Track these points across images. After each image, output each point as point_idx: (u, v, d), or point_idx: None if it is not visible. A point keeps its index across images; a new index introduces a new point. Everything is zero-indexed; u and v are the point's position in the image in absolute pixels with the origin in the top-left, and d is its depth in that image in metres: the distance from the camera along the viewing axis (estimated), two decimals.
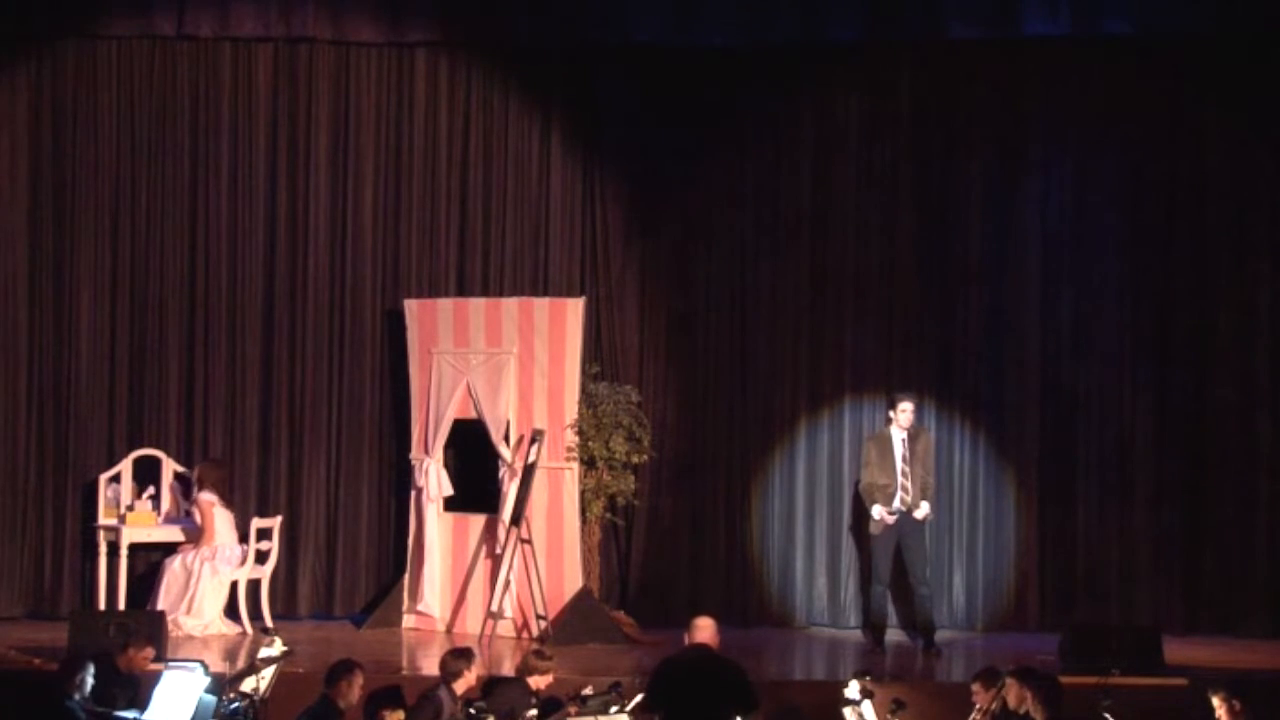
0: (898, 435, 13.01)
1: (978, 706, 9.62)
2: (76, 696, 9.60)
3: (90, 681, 9.70)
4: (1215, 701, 9.22)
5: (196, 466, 13.58)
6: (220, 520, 13.25)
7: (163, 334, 14.17)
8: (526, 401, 13.38)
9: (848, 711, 9.60)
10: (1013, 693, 9.44)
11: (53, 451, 14.03)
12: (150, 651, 10.60)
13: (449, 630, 13.43)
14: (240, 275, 14.24)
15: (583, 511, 13.35)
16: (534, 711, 9.56)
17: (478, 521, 13.54)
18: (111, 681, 10.15)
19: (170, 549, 13.47)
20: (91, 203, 14.13)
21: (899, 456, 12.95)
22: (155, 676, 10.14)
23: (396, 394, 14.15)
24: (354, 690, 9.36)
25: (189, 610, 12.96)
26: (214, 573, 13.11)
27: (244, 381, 14.19)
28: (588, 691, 9.67)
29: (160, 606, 12.85)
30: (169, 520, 13.67)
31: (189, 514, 13.58)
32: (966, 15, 13.61)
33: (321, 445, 14.22)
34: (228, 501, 13.39)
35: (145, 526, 13.53)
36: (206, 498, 13.23)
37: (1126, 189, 14.00)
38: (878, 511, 12.93)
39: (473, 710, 9.37)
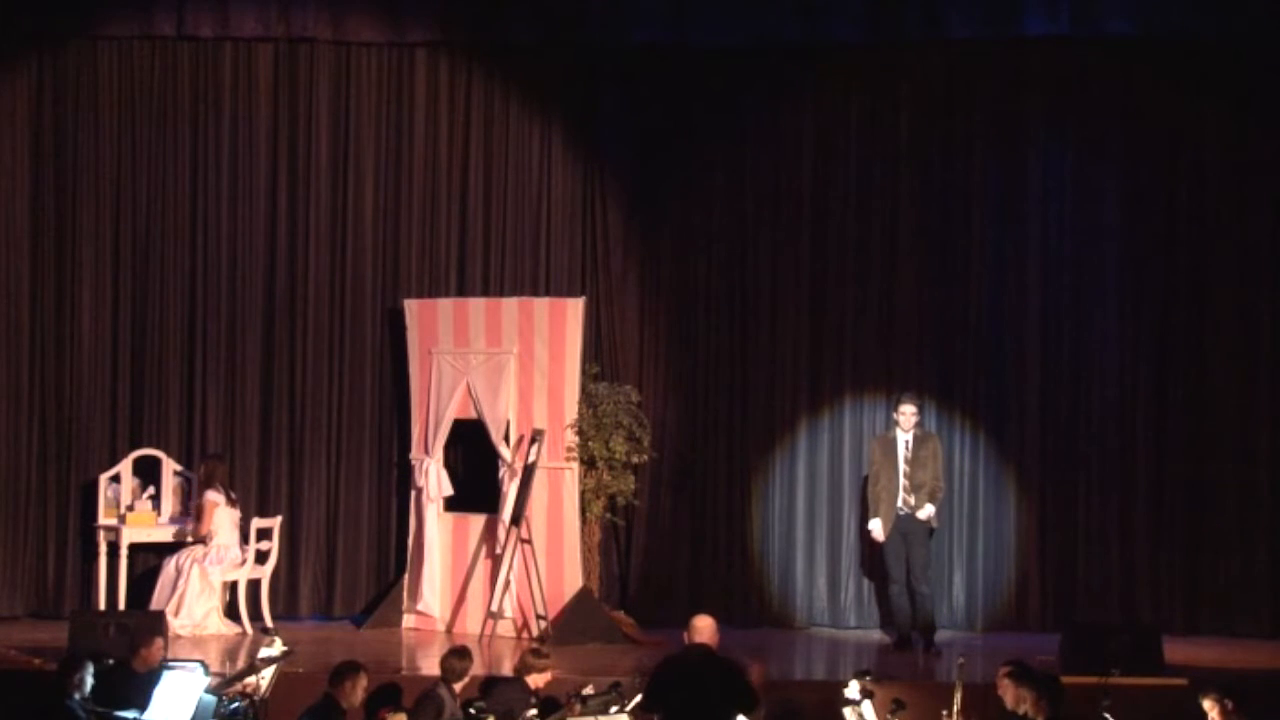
0: (901, 437, 13.01)
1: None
2: (76, 696, 9.59)
3: (90, 681, 9.68)
4: (1207, 704, 9.22)
5: (200, 465, 13.54)
6: (224, 519, 13.24)
7: (163, 334, 14.18)
8: (526, 401, 13.38)
9: (848, 711, 9.60)
10: (1010, 693, 9.43)
11: (54, 451, 14.04)
12: (159, 642, 10.58)
13: (449, 630, 13.43)
14: (240, 275, 14.24)
15: (583, 511, 13.35)
16: (533, 711, 9.57)
17: (478, 521, 13.54)
18: (127, 684, 10.10)
19: (170, 549, 13.46)
20: (92, 202, 14.13)
21: (901, 459, 12.95)
22: (156, 676, 10.13)
23: (396, 394, 14.16)
24: (357, 692, 9.37)
25: (177, 611, 12.95)
26: (203, 574, 13.10)
27: (244, 381, 14.19)
28: (588, 691, 9.67)
29: (153, 606, 12.85)
30: (174, 520, 13.66)
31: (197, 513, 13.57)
32: (967, 15, 13.62)
33: (321, 445, 14.22)
34: (232, 500, 13.39)
35: (145, 526, 13.53)
36: (212, 497, 13.22)
37: (1126, 189, 14.00)
38: (874, 526, 12.99)
39: (472, 710, 9.39)
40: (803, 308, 14.24)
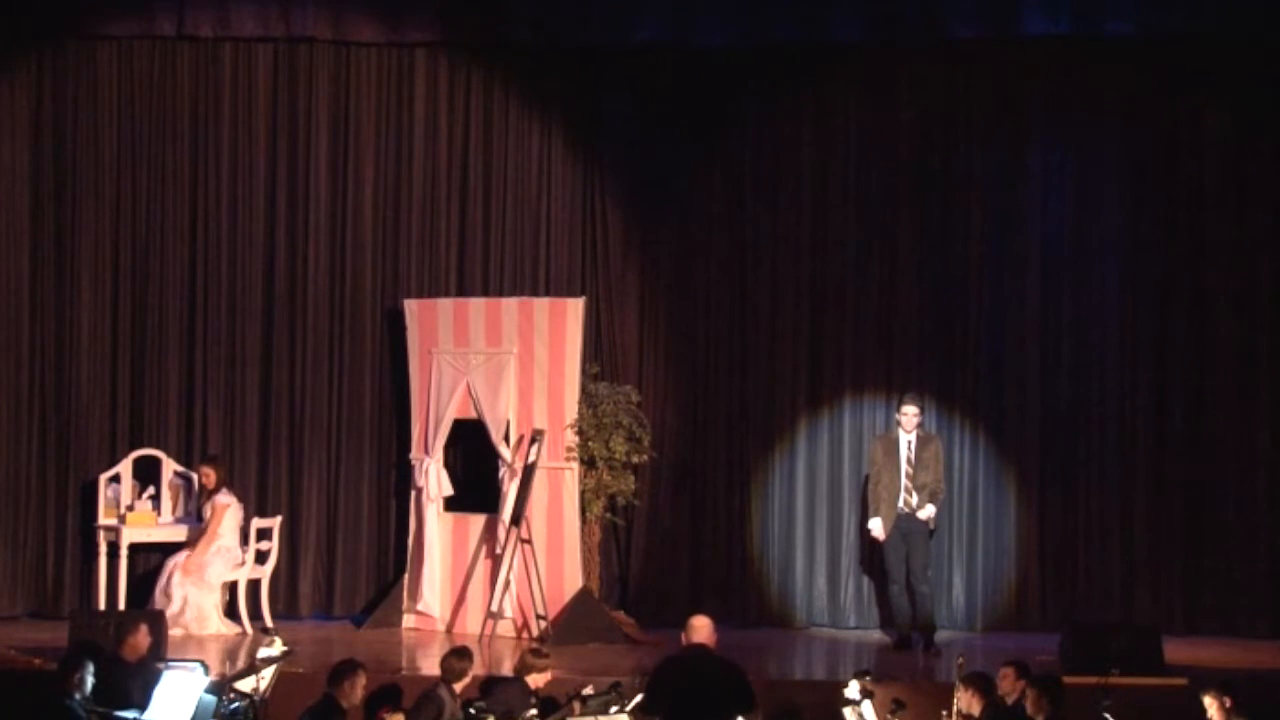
0: (904, 438, 13.02)
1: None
2: (77, 696, 9.59)
3: (90, 680, 9.68)
4: (1207, 700, 9.26)
5: (208, 469, 13.48)
6: (229, 520, 13.23)
7: (163, 334, 14.18)
8: (526, 401, 13.38)
9: (848, 711, 9.61)
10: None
11: (53, 451, 14.04)
12: (144, 628, 10.60)
13: (449, 630, 13.43)
14: (240, 275, 14.24)
15: (583, 511, 13.35)
16: (533, 711, 9.57)
17: (478, 521, 13.54)
18: (124, 676, 10.12)
19: (170, 549, 13.45)
20: (92, 203, 14.14)
21: (904, 459, 12.96)
22: (156, 675, 10.13)
23: (396, 394, 14.15)
24: (357, 690, 9.37)
25: (181, 610, 12.94)
26: (209, 571, 13.09)
27: (244, 381, 14.20)
28: (588, 691, 9.67)
29: (157, 606, 12.84)
30: (180, 521, 13.66)
31: (198, 513, 13.57)
32: (966, 15, 13.61)
33: (321, 445, 14.22)
34: (238, 498, 13.41)
35: (145, 526, 13.53)
36: (223, 500, 13.21)
37: (1126, 189, 14.01)
38: (874, 525, 13.00)
39: (472, 710, 9.39)
40: (803, 308, 14.24)
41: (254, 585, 13.43)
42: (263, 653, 10.13)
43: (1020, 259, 14.05)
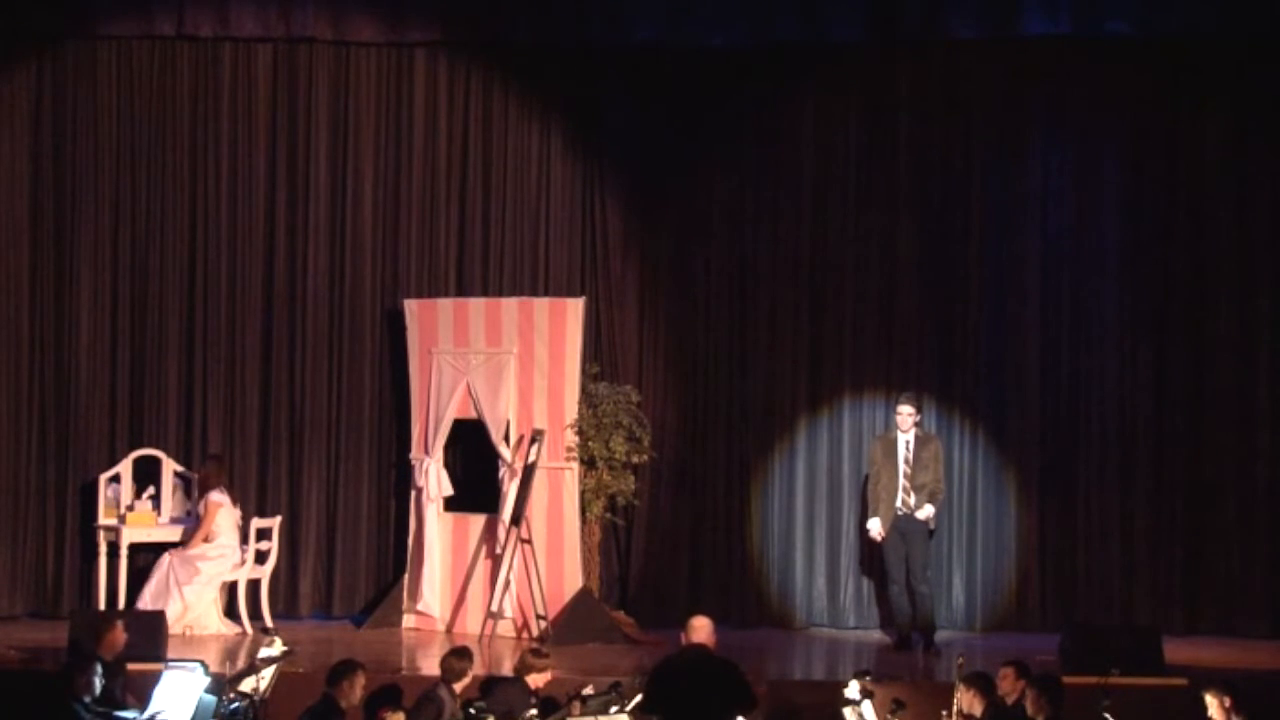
0: (902, 438, 13.02)
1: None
2: (86, 698, 9.59)
3: (99, 683, 9.69)
4: (1208, 699, 9.27)
5: (200, 468, 13.51)
6: (225, 519, 13.23)
7: (163, 334, 14.18)
8: (526, 401, 13.38)
9: (848, 711, 9.61)
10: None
11: (53, 451, 14.04)
12: (119, 625, 10.61)
13: (449, 630, 13.43)
14: (240, 275, 14.24)
15: (583, 511, 13.35)
16: (533, 711, 9.57)
17: (478, 521, 13.54)
18: (107, 674, 10.12)
19: (169, 549, 13.44)
20: (91, 202, 14.14)
21: (902, 459, 12.96)
22: (155, 676, 10.14)
23: (396, 394, 14.15)
24: (356, 690, 9.37)
25: (182, 613, 12.93)
26: (199, 572, 13.07)
27: (243, 381, 14.20)
28: (588, 691, 9.68)
29: (148, 605, 12.82)
30: (175, 520, 13.66)
31: (191, 513, 13.59)
32: (966, 15, 13.62)
33: (321, 445, 14.21)
34: (235, 499, 13.39)
35: (145, 526, 13.52)
36: (216, 498, 13.21)
37: (1126, 188, 14.01)
38: (872, 525, 13.01)
39: (472, 710, 9.39)
40: (803, 308, 14.24)
41: (254, 585, 13.43)
42: (263, 653, 10.13)
43: (1020, 259, 14.05)
